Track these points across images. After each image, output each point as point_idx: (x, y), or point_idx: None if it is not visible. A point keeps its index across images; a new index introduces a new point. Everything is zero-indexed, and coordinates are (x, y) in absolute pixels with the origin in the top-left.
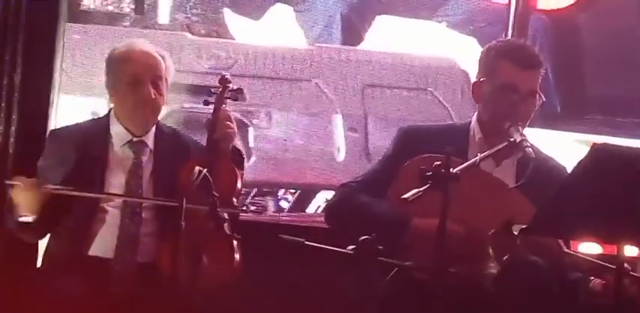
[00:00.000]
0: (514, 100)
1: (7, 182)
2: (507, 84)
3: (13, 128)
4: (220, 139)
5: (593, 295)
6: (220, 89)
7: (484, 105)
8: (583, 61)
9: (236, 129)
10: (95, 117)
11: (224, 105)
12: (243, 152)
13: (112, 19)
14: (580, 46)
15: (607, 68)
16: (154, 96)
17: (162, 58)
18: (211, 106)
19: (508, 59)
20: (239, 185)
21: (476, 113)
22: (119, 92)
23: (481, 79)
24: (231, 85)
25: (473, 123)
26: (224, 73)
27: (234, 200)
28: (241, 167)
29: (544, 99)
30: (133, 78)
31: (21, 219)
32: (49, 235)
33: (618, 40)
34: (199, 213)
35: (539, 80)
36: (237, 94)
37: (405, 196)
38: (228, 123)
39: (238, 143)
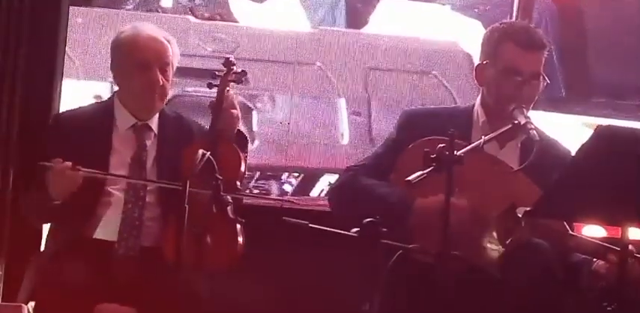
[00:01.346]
0: (518, 83)
1: (41, 163)
2: (511, 67)
3: (16, 112)
4: (225, 127)
5: (595, 277)
6: (224, 72)
7: (488, 88)
8: (588, 44)
9: (240, 116)
10: (98, 101)
11: (228, 88)
12: (247, 135)
13: (116, 2)
14: (585, 29)
15: (612, 51)
16: (162, 83)
17: (169, 43)
18: (215, 90)
19: (511, 41)
20: (242, 168)
21: (479, 96)
22: (126, 77)
23: (484, 62)
24: (235, 68)
25: (476, 106)
26: (228, 56)
27: (238, 183)
28: (245, 150)
29: (548, 81)
30: (142, 64)
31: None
32: None
33: (623, 22)
34: (203, 197)
35: (543, 62)
36: (241, 77)
37: (409, 178)
38: (234, 111)
39: (242, 127)
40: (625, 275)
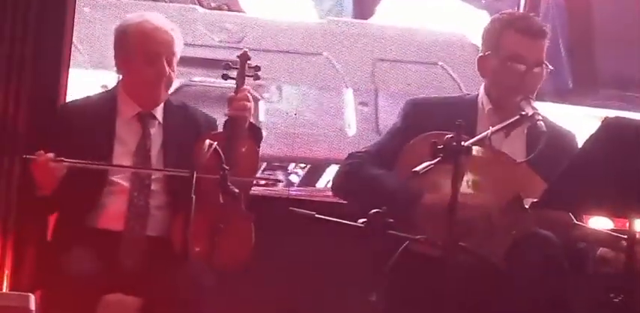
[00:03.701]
0: (521, 72)
1: (25, 156)
2: (514, 54)
3: (23, 102)
4: (235, 119)
5: (601, 263)
6: (240, 64)
7: (491, 78)
8: (595, 36)
9: (252, 109)
10: (103, 90)
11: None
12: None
13: None
14: (592, 20)
15: (620, 42)
16: (168, 73)
17: (174, 32)
18: (229, 81)
19: (512, 29)
20: (256, 162)
21: (482, 85)
22: (132, 66)
23: (486, 53)
24: (250, 62)
25: (481, 95)
26: (245, 49)
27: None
28: (258, 143)
29: (551, 67)
30: (151, 56)
31: (40, 195)
32: None
33: (631, 13)
34: (210, 187)
35: (545, 50)
36: (257, 72)
37: (416, 169)
38: (245, 103)
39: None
40: (632, 265)
